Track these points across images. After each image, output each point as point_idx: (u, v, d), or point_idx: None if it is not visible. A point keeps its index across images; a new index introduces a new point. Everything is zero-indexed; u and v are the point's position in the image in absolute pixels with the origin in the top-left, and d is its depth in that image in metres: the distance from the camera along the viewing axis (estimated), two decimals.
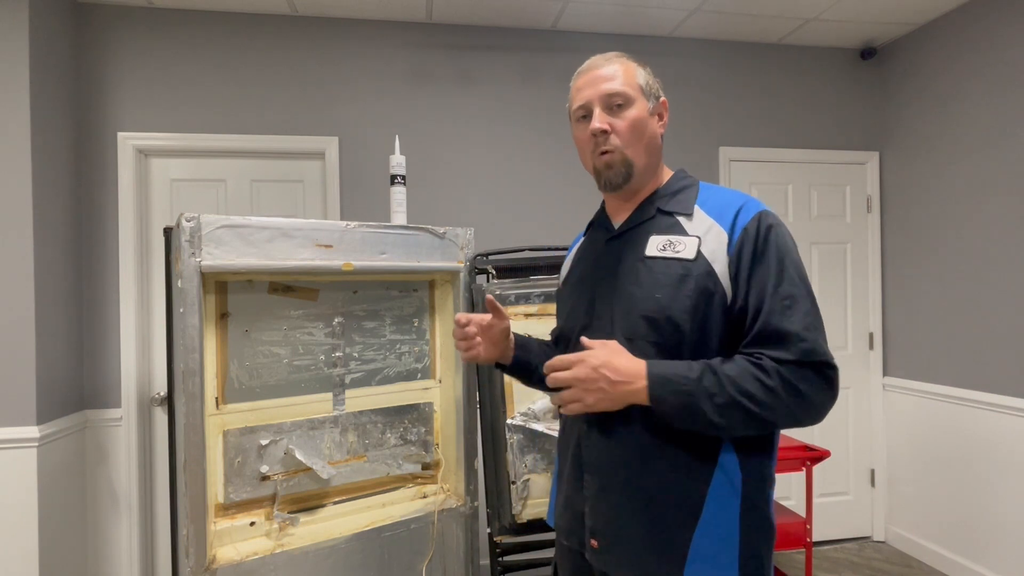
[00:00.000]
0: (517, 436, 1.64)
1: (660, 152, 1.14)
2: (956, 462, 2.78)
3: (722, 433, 0.96)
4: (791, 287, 0.96)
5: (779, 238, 1.00)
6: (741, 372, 0.93)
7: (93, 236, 2.56)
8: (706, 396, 0.93)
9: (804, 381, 0.92)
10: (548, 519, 1.26)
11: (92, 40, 2.58)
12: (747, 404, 0.92)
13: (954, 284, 2.83)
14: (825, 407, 0.95)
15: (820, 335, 0.95)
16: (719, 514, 0.98)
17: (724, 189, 1.10)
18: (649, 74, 1.13)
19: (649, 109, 1.10)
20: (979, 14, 2.70)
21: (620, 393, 0.97)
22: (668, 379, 0.96)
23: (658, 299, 1.01)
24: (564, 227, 2.94)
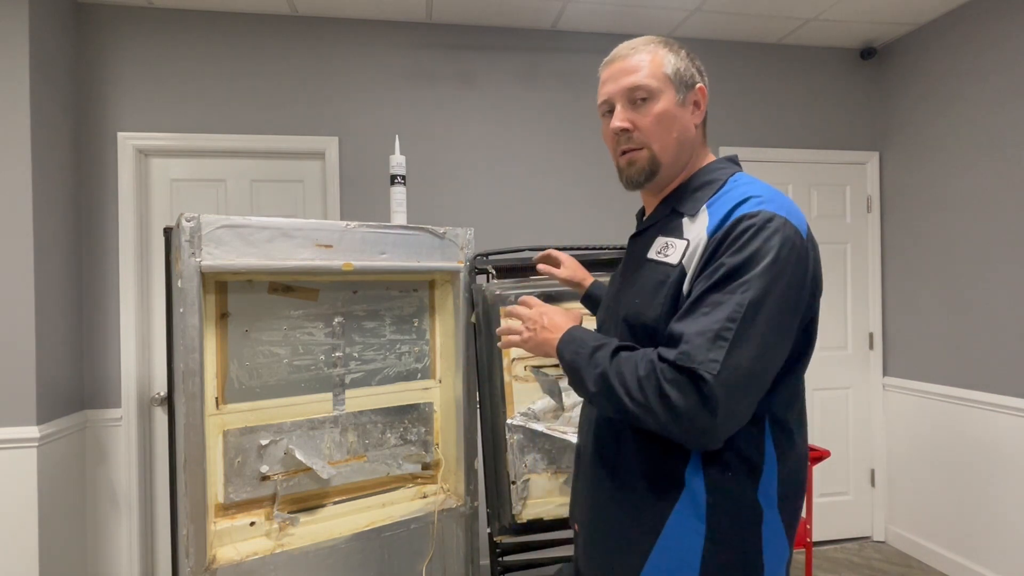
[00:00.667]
0: (517, 436, 1.64)
1: (695, 144, 1.04)
2: (956, 462, 2.78)
3: (593, 403, 0.97)
4: (723, 295, 0.84)
5: (751, 243, 0.86)
6: (629, 357, 0.90)
7: (93, 236, 2.56)
8: (591, 365, 0.93)
9: (673, 384, 0.83)
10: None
11: (92, 40, 2.58)
12: (615, 385, 0.88)
13: (954, 284, 2.83)
14: (691, 420, 0.82)
15: (715, 345, 0.81)
16: (678, 538, 0.92)
17: (748, 185, 0.97)
18: (684, 58, 1.03)
19: (678, 100, 1.01)
20: (979, 14, 2.70)
21: (543, 339, 1.05)
22: (574, 339, 0.99)
23: (636, 304, 0.99)
24: (564, 227, 2.94)
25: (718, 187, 0.99)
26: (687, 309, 0.88)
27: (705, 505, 0.91)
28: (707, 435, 0.84)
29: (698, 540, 0.91)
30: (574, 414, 1.64)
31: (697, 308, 0.86)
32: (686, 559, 0.91)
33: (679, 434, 0.86)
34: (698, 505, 0.91)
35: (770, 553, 0.93)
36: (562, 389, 1.64)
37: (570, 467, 1.66)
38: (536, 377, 1.67)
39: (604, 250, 1.86)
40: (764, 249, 0.85)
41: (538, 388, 1.67)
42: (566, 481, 1.66)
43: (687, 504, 0.92)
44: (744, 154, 3.12)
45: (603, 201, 2.97)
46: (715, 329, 0.82)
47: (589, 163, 2.98)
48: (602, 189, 2.97)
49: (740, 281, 0.84)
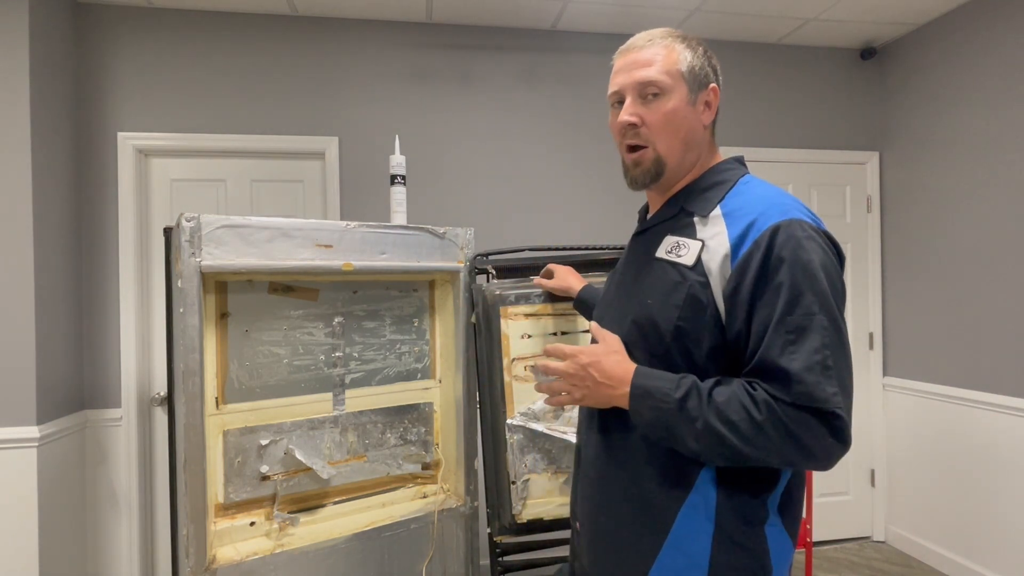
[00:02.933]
0: (517, 436, 1.64)
1: (703, 145, 1.02)
2: (956, 462, 2.78)
3: (699, 459, 0.89)
4: (802, 318, 0.83)
5: (799, 254, 0.85)
6: (730, 399, 0.84)
7: (93, 236, 2.56)
8: (686, 419, 0.86)
9: (801, 425, 0.81)
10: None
11: (92, 40, 2.58)
12: (727, 434, 0.83)
13: (954, 284, 2.83)
14: (830, 457, 0.84)
15: (826, 377, 0.81)
16: (690, 536, 0.91)
17: (762, 189, 0.96)
18: (701, 56, 1.00)
19: (690, 99, 0.98)
20: (979, 14, 2.70)
21: (603, 396, 0.95)
22: (649, 392, 0.90)
23: (648, 305, 0.96)
24: (564, 227, 2.94)
25: (728, 188, 0.97)
26: (771, 337, 0.84)
27: (715, 505, 0.90)
28: (837, 460, 0.86)
29: (706, 540, 0.90)
30: (574, 414, 1.64)
31: (781, 335, 0.83)
32: (695, 559, 0.91)
33: (811, 467, 0.86)
34: (708, 505, 0.91)
35: (776, 553, 0.92)
36: None
37: (570, 467, 1.66)
38: (536, 377, 1.66)
39: (604, 250, 1.85)
40: (813, 259, 0.85)
41: None
42: (566, 481, 1.66)
43: (696, 504, 0.91)
44: (744, 154, 3.11)
45: (603, 201, 2.97)
46: (818, 360, 0.81)
47: (589, 163, 2.98)
48: (602, 189, 2.97)
49: (810, 299, 0.83)
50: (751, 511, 0.91)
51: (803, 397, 0.81)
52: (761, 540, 0.91)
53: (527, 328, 1.69)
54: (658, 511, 0.93)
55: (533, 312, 1.69)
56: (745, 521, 0.91)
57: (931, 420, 2.90)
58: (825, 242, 0.89)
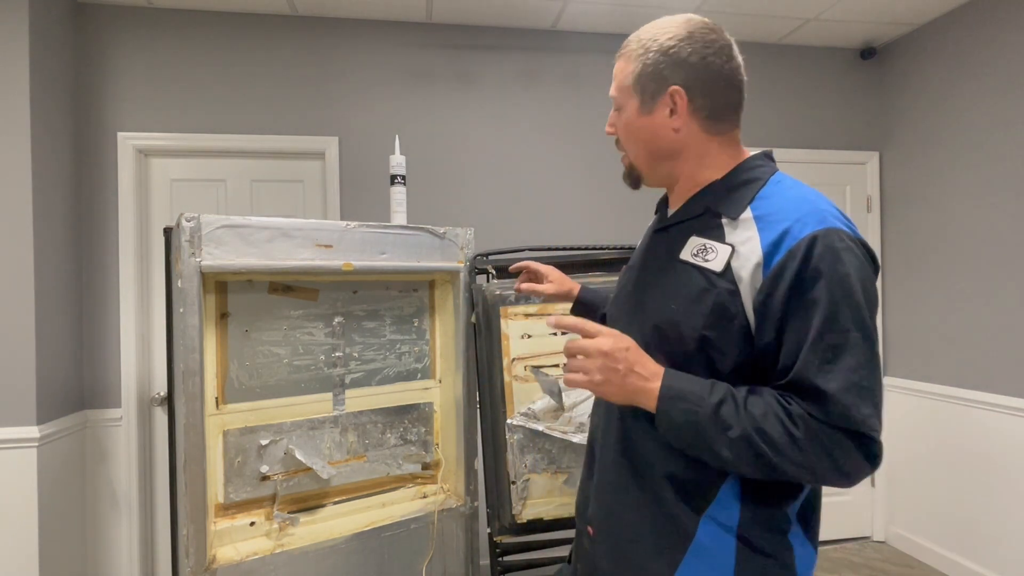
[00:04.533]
0: (517, 436, 1.64)
1: (688, 150, 0.97)
2: (956, 462, 2.78)
3: (727, 467, 0.86)
4: (839, 335, 0.81)
5: (838, 268, 0.81)
6: (766, 411, 0.82)
7: (93, 236, 2.56)
8: (719, 426, 0.83)
9: (837, 445, 0.80)
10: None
11: (92, 40, 2.58)
12: (763, 447, 0.81)
13: (954, 284, 2.83)
14: (860, 475, 0.82)
15: (861, 398, 0.80)
16: (712, 547, 0.90)
17: (795, 190, 0.91)
18: (653, 60, 0.96)
19: (642, 110, 0.97)
20: (979, 14, 2.70)
21: (631, 385, 0.88)
22: (682, 395, 0.86)
23: (673, 309, 0.92)
24: (564, 227, 2.94)
25: (758, 188, 0.92)
26: (807, 355, 0.81)
27: (738, 515, 0.89)
28: (864, 478, 0.84)
29: (730, 550, 0.89)
30: (574, 414, 1.64)
31: (818, 354, 0.81)
32: (719, 569, 0.89)
33: (836, 483, 0.84)
34: (731, 516, 0.89)
35: (801, 562, 0.91)
36: (562, 389, 1.64)
37: (570, 467, 1.66)
38: (536, 377, 1.67)
39: (604, 250, 1.85)
40: (850, 272, 0.82)
41: (538, 388, 1.67)
42: (566, 481, 1.66)
43: (718, 514, 0.89)
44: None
45: (603, 201, 2.97)
46: (855, 381, 0.80)
47: (589, 163, 2.98)
48: (602, 189, 2.97)
49: (846, 316, 0.81)
50: (775, 520, 0.90)
51: (839, 419, 0.79)
52: (787, 548, 0.90)
53: (527, 328, 1.69)
54: (679, 521, 0.91)
55: (533, 312, 1.69)
56: (769, 530, 0.89)
57: (931, 420, 2.90)
58: (862, 252, 0.85)
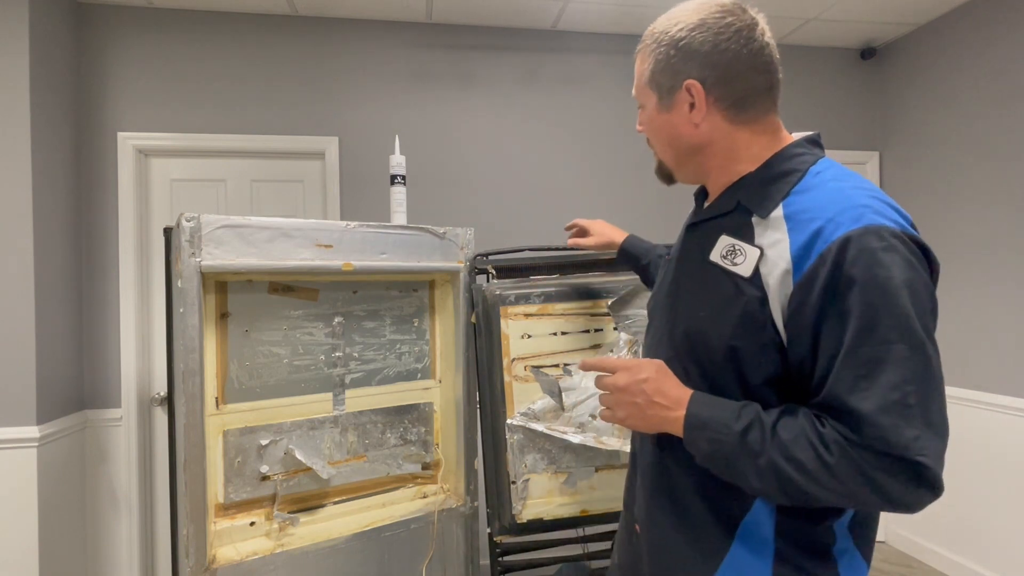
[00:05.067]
0: (517, 436, 1.64)
1: (705, 147, 0.91)
2: (956, 462, 2.78)
3: (759, 495, 0.83)
4: (876, 348, 0.72)
5: (874, 272, 0.72)
6: (798, 436, 0.76)
7: (93, 236, 2.56)
8: (747, 453, 0.78)
9: (879, 470, 0.72)
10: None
11: (92, 40, 2.58)
12: (792, 475, 0.75)
13: (954, 284, 2.83)
14: (917, 503, 0.74)
15: (904, 418, 0.71)
16: (746, 562, 0.85)
17: (834, 183, 0.82)
18: (664, 58, 0.90)
19: (660, 107, 0.93)
20: (979, 14, 2.70)
21: (654, 417, 0.86)
22: (706, 423, 0.81)
23: (701, 317, 0.87)
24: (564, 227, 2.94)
25: (795, 181, 0.84)
26: (839, 372, 0.74)
27: (773, 529, 0.84)
28: (926, 505, 0.76)
29: (767, 565, 0.84)
30: (574, 414, 1.64)
31: (851, 370, 0.73)
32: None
33: (888, 510, 0.77)
34: (766, 529, 0.85)
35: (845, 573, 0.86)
36: (562, 389, 1.64)
37: (570, 467, 1.66)
38: (536, 377, 1.67)
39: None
40: (893, 275, 0.72)
41: (538, 388, 1.67)
42: (566, 481, 1.66)
43: (752, 527, 0.85)
44: None
45: (603, 200, 2.97)
46: (896, 399, 0.71)
47: (589, 162, 2.98)
48: (602, 188, 2.97)
49: (887, 326, 0.72)
50: (815, 536, 0.84)
51: (878, 442, 0.71)
52: (831, 564, 0.84)
53: (527, 328, 1.69)
54: (713, 534, 0.88)
55: (533, 312, 1.69)
56: (810, 546, 0.84)
57: None
58: (910, 250, 0.75)
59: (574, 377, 1.66)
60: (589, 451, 1.66)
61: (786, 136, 0.91)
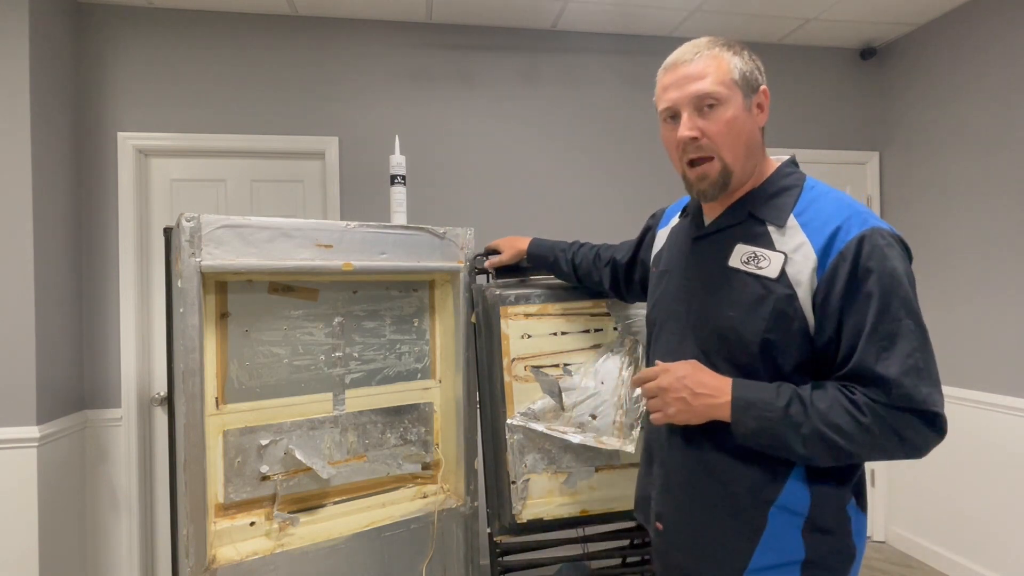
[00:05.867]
0: (517, 436, 1.64)
1: (760, 149, 1.03)
2: (956, 462, 2.78)
3: (805, 462, 0.94)
4: (893, 324, 0.88)
5: (885, 264, 0.89)
6: (832, 404, 0.89)
7: (93, 236, 2.56)
8: (792, 426, 0.90)
9: (904, 425, 0.88)
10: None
11: (92, 40, 2.58)
12: (835, 438, 0.88)
13: (954, 283, 2.83)
14: (929, 447, 0.90)
15: (921, 379, 0.87)
16: (782, 534, 0.95)
17: (832, 195, 0.98)
18: (748, 59, 1.00)
19: (746, 105, 0.98)
20: (979, 14, 2.70)
21: (702, 406, 0.96)
22: (752, 403, 0.93)
23: (731, 317, 0.97)
24: (564, 227, 2.94)
25: (797, 194, 0.99)
26: (865, 345, 0.88)
27: (809, 502, 0.95)
28: (933, 448, 0.92)
29: (797, 536, 0.95)
30: (574, 414, 1.64)
31: (875, 343, 0.88)
32: (788, 556, 0.95)
33: (907, 457, 0.91)
34: (801, 503, 0.95)
35: (856, 530, 0.98)
36: (562, 389, 1.64)
37: (570, 467, 1.66)
38: (536, 377, 1.66)
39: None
40: (897, 266, 0.89)
41: (538, 388, 1.67)
42: (566, 481, 1.66)
43: (786, 504, 0.95)
44: None
45: (603, 201, 2.97)
46: (911, 364, 0.87)
47: (589, 163, 2.98)
48: (602, 188, 2.97)
49: (897, 306, 0.88)
50: (841, 498, 0.96)
51: (903, 399, 0.87)
52: (845, 521, 0.97)
53: (527, 328, 1.69)
54: (749, 514, 0.97)
55: (533, 312, 1.69)
56: (834, 509, 0.96)
57: None
58: (902, 247, 0.93)
59: (574, 377, 1.66)
60: (589, 451, 1.65)
61: (771, 159, 1.07)
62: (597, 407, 1.63)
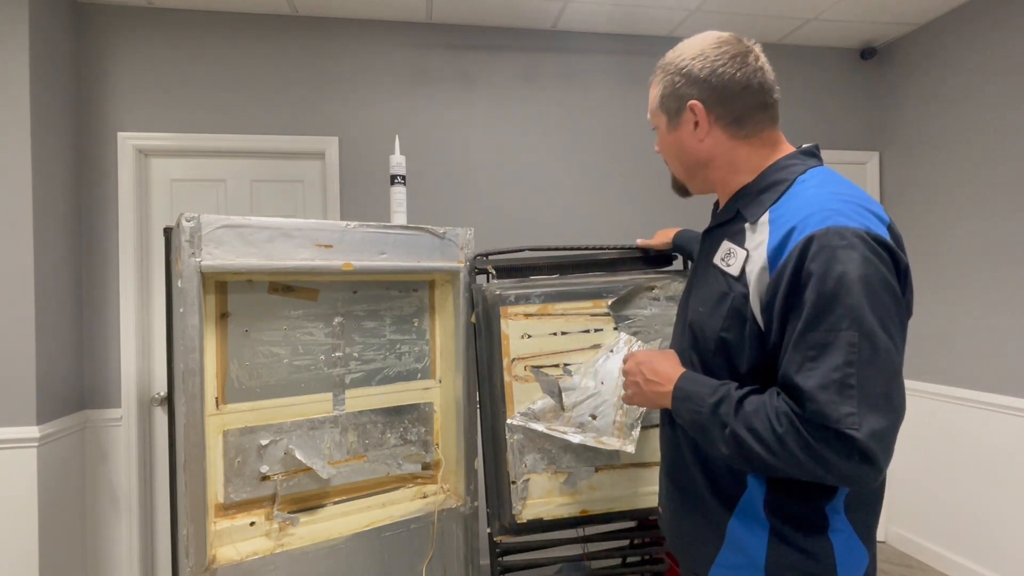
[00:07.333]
0: (517, 436, 1.64)
1: (711, 160, 1.01)
2: (956, 462, 2.78)
3: (731, 463, 0.93)
4: (825, 333, 0.80)
5: (831, 267, 0.80)
6: (758, 408, 0.85)
7: (93, 236, 2.56)
8: (717, 424, 0.89)
9: (822, 443, 0.79)
10: None
11: (92, 40, 2.58)
12: (751, 443, 0.84)
13: (954, 284, 2.83)
14: (859, 478, 0.80)
15: (843, 396, 0.78)
16: (746, 535, 0.94)
17: (815, 189, 0.90)
18: (670, 81, 1.01)
19: (670, 127, 1.04)
20: (979, 14, 2.70)
21: (652, 393, 1.02)
22: (689, 396, 0.95)
23: (700, 312, 1.00)
24: (564, 227, 2.94)
25: (783, 189, 0.94)
26: (791, 354, 0.83)
27: (763, 507, 0.93)
28: (872, 481, 0.81)
29: (762, 541, 0.93)
30: (574, 414, 1.64)
31: (801, 352, 0.82)
32: (753, 559, 0.94)
33: (839, 484, 0.85)
34: (757, 508, 0.93)
35: (844, 560, 0.91)
36: (562, 389, 1.64)
37: (570, 467, 1.66)
38: (536, 377, 1.67)
39: (604, 250, 1.85)
40: (848, 270, 0.80)
41: (538, 388, 1.67)
42: (566, 481, 1.66)
43: (747, 506, 0.94)
44: None
45: (603, 200, 2.97)
46: (836, 379, 0.78)
47: (589, 163, 2.98)
48: (602, 189, 2.97)
49: (837, 315, 0.79)
50: (806, 516, 0.91)
51: (816, 416, 0.79)
52: (825, 546, 0.90)
53: (527, 328, 1.69)
54: (714, 512, 0.98)
55: (533, 312, 1.69)
56: (803, 526, 0.90)
57: (931, 420, 2.90)
58: (871, 250, 0.81)
59: (574, 377, 1.66)
60: (589, 451, 1.66)
61: (786, 148, 1.01)
62: (597, 407, 1.63)
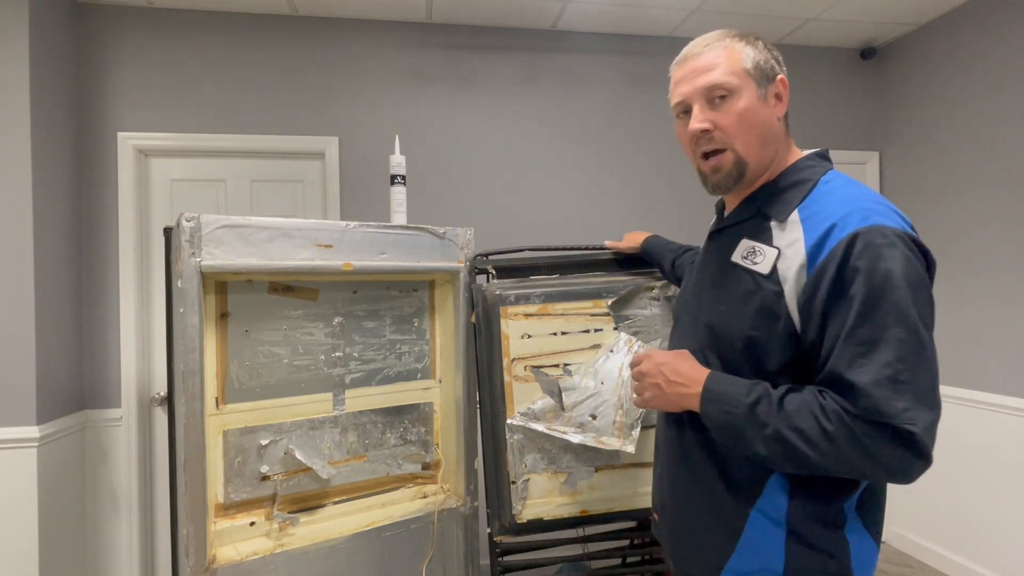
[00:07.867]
0: (517, 436, 1.64)
1: (779, 140, 0.99)
2: (956, 462, 2.78)
3: (768, 464, 0.89)
4: (874, 329, 0.80)
5: (877, 264, 0.81)
6: (800, 407, 0.83)
7: (93, 236, 2.56)
8: (755, 424, 0.86)
9: (874, 439, 0.79)
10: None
11: (92, 40, 2.58)
12: (796, 441, 0.82)
13: (954, 283, 2.83)
14: (909, 471, 0.80)
15: (896, 391, 0.78)
16: (762, 540, 0.92)
17: (845, 190, 0.91)
18: (762, 49, 0.97)
19: (760, 95, 0.96)
20: (979, 14, 2.70)
21: (674, 395, 0.96)
22: (721, 396, 0.90)
23: (722, 311, 0.96)
24: (564, 227, 2.94)
25: (808, 189, 0.94)
26: (839, 350, 0.82)
27: (786, 510, 0.91)
28: (919, 474, 0.81)
29: (779, 544, 0.91)
30: (574, 414, 1.64)
31: (851, 348, 0.81)
32: (769, 563, 0.91)
33: (888, 480, 0.84)
34: (778, 510, 0.91)
35: (858, 557, 0.91)
36: (562, 389, 1.64)
37: (570, 467, 1.66)
38: (536, 377, 1.67)
39: (604, 250, 1.85)
40: (893, 268, 0.81)
41: (538, 388, 1.67)
42: (566, 481, 1.66)
43: (766, 508, 0.92)
44: None
45: (603, 201, 2.97)
46: (888, 375, 0.78)
47: (590, 163, 2.98)
48: (602, 189, 2.97)
49: (885, 311, 0.80)
50: (828, 515, 0.90)
51: (870, 411, 0.79)
52: (842, 544, 0.90)
53: (527, 328, 1.69)
54: (729, 514, 0.95)
55: (533, 312, 1.69)
56: (823, 525, 0.90)
57: None
58: (909, 248, 0.83)
59: (574, 377, 1.66)
60: (589, 451, 1.66)
61: (797, 151, 1.02)
62: (597, 407, 1.63)
